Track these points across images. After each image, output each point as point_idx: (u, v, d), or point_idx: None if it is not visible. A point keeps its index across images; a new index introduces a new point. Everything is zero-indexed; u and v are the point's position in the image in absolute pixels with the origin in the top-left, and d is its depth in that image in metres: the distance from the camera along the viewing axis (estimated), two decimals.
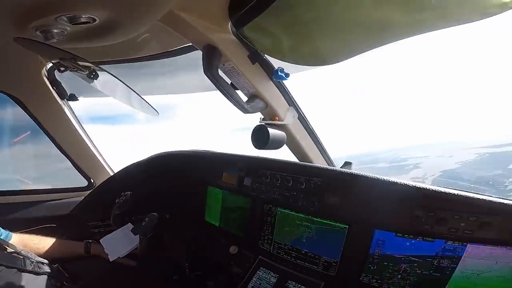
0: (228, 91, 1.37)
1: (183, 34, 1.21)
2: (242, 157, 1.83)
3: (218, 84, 1.32)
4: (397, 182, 1.18)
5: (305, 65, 1.33)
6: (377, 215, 1.24)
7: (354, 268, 1.29)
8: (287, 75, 1.40)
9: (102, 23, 0.92)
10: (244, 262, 1.64)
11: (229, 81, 1.46)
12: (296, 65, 1.33)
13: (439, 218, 1.10)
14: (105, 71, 1.40)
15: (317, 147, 1.80)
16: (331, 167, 1.81)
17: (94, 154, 2.38)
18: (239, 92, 1.51)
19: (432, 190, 1.12)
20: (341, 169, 1.54)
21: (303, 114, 1.65)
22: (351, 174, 1.32)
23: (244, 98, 1.52)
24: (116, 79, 1.63)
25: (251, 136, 1.59)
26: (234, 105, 1.44)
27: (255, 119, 1.63)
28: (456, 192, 1.09)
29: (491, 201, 1.03)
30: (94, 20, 0.89)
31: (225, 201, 1.90)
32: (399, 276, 1.18)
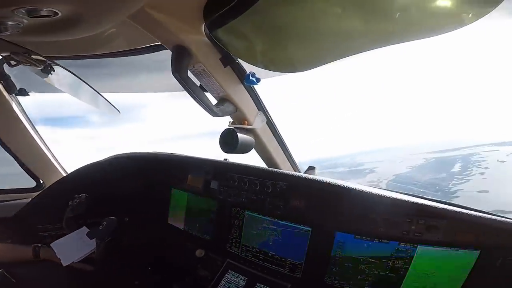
0: (197, 93, 1.35)
1: (152, 33, 1.16)
2: (209, 161, 1.81)
3: (187, 85, 1.29)
4: (355, 188, 1.27)
5: (276, 71, 1.35)
6: (338, 218, 1.31)
7: (318, 270, 1.34)
8: (258, 80, 1.41)
9: (64, 18, 0.84)
10: (211, 265, 1.63)
11: (198, 83, 1.44)
12: (268, 70, 1.35)
13: (393, 222, 1.19)
14: (62, 66, 1.30)
15: (283, 151, 1.85)
16: (296, 172, 1.87)
17: (44, 153, 2.18)
18: (208, 95, 1.49)
19: (385, 196, 1.21)
20: (305, 174, 1.60)
21: (271, 119, 1.68)
22: (314, 180, 1.38)
23: (214, 101, 1.51)
24: (73, 75, 1.52)
25: (220, 140, 1.59)
26: (203, 107, 1.41)
27: (223, 123, 1.63)
28: (406, 198, 1.19)
29: (436, 206, 1.14)
30: (56, 13, 0.81)
31: (190, 204, 1.87)
32: (359, 277, 1.26)
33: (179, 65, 1.22)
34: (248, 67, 1.41)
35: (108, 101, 1.80)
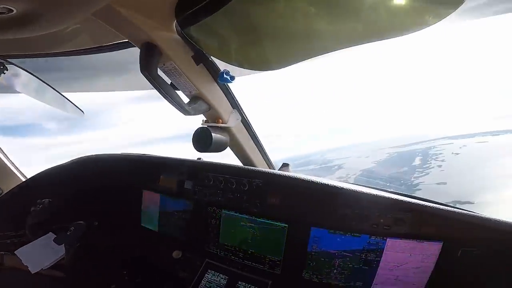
0: (167, 91, 1.30)
1: (120, 30, 1.10)
2: (182, 161, 1.78)
3: (156, 84, 1.24)
4: (327, 184, 1.31)
5: (251, 69, 1.34)
6: (313, 213, 1.35)
7: (296, 266, 1.38)
8: (232, 78, 1.39)
9: (20, 15, 0.77)
10: (190, 266, 1.61)
11: (169, 81, 1.40)
12: (242, 68, 1.34)
13: (363, 215, 1.25)
14: (16, 65, 1.19)
15: (258, 149, 1.86)
16: (271, 169, 1.89)
17: (1, 159, 2.02)
18: (180, 93, 1.45)
19: (356, 190, 1.26)
20: (280, 171, 1.62)
21: (246, 117, 1.67)
22: (289, 177, 1.41)
23: (186, 100, 1.47)
24: (31, 74, 1.41)
25: (193, 139, 1.56)
26: (174, 106, 1.37)
27: (197, 123, 1.60)
28: (375, 192, 1.25)
29: (402, 200, 1.20)
30: (11, 10, 0.73)
31: (163, 205, 1.83)
32: (335, 271, 1.31)
33: (148, 63, 1.17)
34: (222, 65, 1.39)
35: (70, 101, 1.69)
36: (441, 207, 1.16)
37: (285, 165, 1.82)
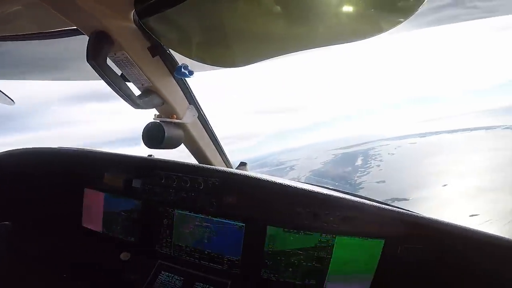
0: (116, 82, 1.20)
1: (68, 17, 0.98)
2: (130, 157, 1.67)
3: (104, 74, 1.14)
4: (282, 183, 1.34)
5: (213, 65, 1.30)
6: (268, 212, 1.37)
7: (255, 265, 1.39)
8: (191, 72, 1.34)
9: None
10: (141, 268, 1.53)
11: (119, 72, 1.28)
12: (203, 64, 1.29)
13: (314, 214, 1.31)
14: None
15: (215, 147, 1.82)
16: (228, 168, 1.87)
17: None
18: (132, 86, 1.35)
19: (306, 189, 1.32)
20: (237, 170, 1.61)
21: (203, 113, 1.62)
22: (247, 176, 1.41)
23: (138, 92, 1.37)
24: None
25: (143, 134, 1.47)
26: (123, 98, 1.28)
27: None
28: (325, 191, 1.32)
29: (348, 199, 1.28)
30: None
31: (108, 205, 1.71)
32: (291, 269, 1.35)
33: (96, 52, 1.06)
34: (181, 59, 1.32)
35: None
36: (384, 206, 1.27)
37: (242, 164, 1.82)
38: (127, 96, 1.25)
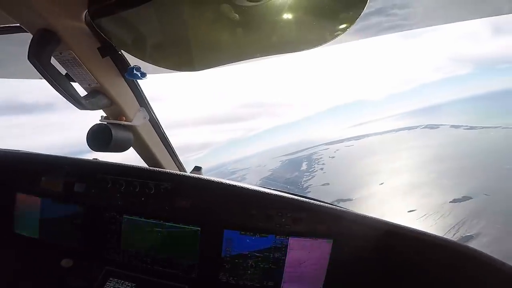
0: (59, 82, 1.13)
1: (12, 14, 0.92)
2: (72, 160, 1.57)
3: (46, 73, 1.07)
4: (235, 185, 1.38)
5: (167, 69, 1.29)
6: (224, 215, 1.39)
7: (212, 268, 1.40)
8: (143, 74, 1.31)
9: None
10: (86, 275, 1.45)
11: (64, 72, 1.21)
12: (157, 66, 1.27)
13: (268, 216, 1.36)
14: None
15: (168, 151, 1.79)
16: (181, 172, 1.84)
17: None
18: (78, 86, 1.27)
19: (262, 191, 1.37)
20: (191, 174, 1.61)
21: (155, 116, 1.59)
22: (200, 179, 1.42)
23: (84, 93, 1.30)
24: None
25: (88, 136, 1.41)
26: (67, 98, 1.21)
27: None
28: (277, 193, 1.38)
29: (297, 200, 1.35)
30: None
31: (45, 210, 1.58)
32: (249, 272, 1.38)
33: (40, 50, 1.00)
34: (133, 61, 1.29)
35: None
36: (331, 206, 1.35)
37: (197, 168, 1.80)
38: (71, 96, 1.19)
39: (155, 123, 1.63)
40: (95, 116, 1.46)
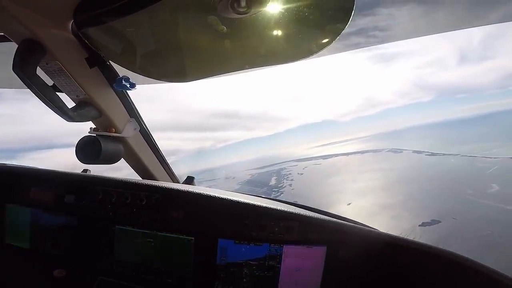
0: (45, 93, 1.10)
1: None
2: (61, 174, 1.54)
3: (31, 84, 1.04)
4: (227, 198, 1.35)
5: (156, 79, 1.28)
6: (218, 225, 1.37)
7: (207, 278, 1.36)
8: (132, 85, 1.28)
9: None
10: (79, 285, 1.41)
11: (51, 82, 1.19)
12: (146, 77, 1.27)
13: (261, 225, 1.35)
14: None
15: (160, 162, 1.75)
16: (172, 183, 1.81)
17: None
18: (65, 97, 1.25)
19: (253, 203, 1.35)
20: (181, 185, 1.59)
21: (146, 127, 1.56)
22: (190, 192, 1.39)
23: (72, 104, 1.28)
24: None
25: (77, 149, 1.38)
26: (54, 110, 1.17)
27: None
28: (264, 204, 1.36)
29: (288, 210, 1.34)
30: None
31: (37, 220, 1.54)
32: (245, 280, 1.36)
33: (25, 61, 0.96)
34: (122, 71, 1.28)
35: None
36: (323, 216, 1.36)
37: (189, 179, 1.78)
38: (58, 108, 1.15)
39: (145, 134, 1.59)
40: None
